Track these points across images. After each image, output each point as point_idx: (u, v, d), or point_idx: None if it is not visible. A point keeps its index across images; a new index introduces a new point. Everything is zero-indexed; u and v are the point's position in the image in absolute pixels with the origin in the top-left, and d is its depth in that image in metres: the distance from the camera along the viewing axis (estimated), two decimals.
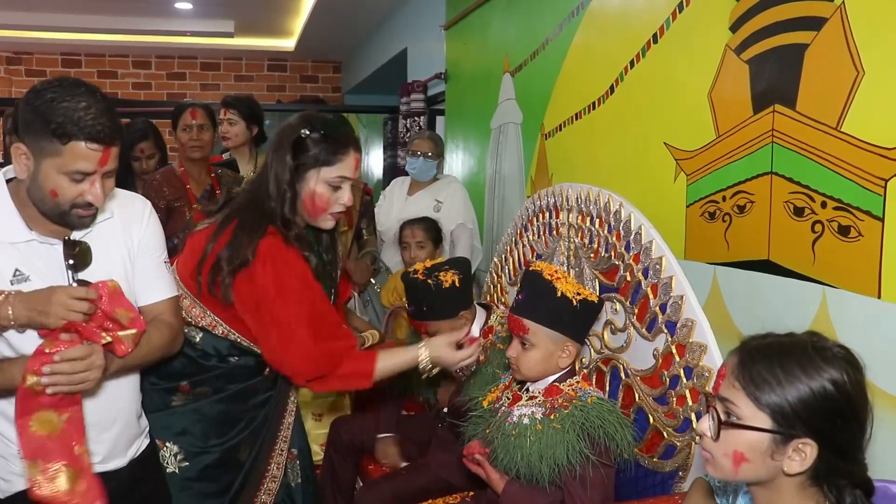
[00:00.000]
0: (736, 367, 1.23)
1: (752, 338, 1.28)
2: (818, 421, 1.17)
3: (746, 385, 1.20)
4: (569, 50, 3.09)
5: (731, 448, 1.21)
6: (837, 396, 1.17)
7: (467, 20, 4.37)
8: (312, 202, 1.97)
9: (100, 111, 1.54)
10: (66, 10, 6.64)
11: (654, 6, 2.47)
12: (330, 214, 2.00)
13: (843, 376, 1.18)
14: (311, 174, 1.95)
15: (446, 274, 2.30)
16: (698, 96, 2.22)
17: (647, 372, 1.98)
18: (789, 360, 1.20)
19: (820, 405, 1.17)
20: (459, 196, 3.79)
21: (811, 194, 1.81)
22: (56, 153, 1.52)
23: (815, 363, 1.18)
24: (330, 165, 1.95)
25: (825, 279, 1.79)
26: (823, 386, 1.17)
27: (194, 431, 2.00)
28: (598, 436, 1.79)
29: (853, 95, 1.69)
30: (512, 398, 2.01)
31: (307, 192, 1.96)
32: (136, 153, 3.57)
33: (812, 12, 1.81)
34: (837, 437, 1.18)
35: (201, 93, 8.21)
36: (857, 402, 1.19)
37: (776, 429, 1.17)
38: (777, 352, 1.22)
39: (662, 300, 1.93)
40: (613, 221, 2.13)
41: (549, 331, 1.92)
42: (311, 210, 1.98)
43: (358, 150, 2.01)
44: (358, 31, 7.05)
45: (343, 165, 1.96)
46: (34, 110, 1.52)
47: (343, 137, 1.98)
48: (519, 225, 2.76)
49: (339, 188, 1.98)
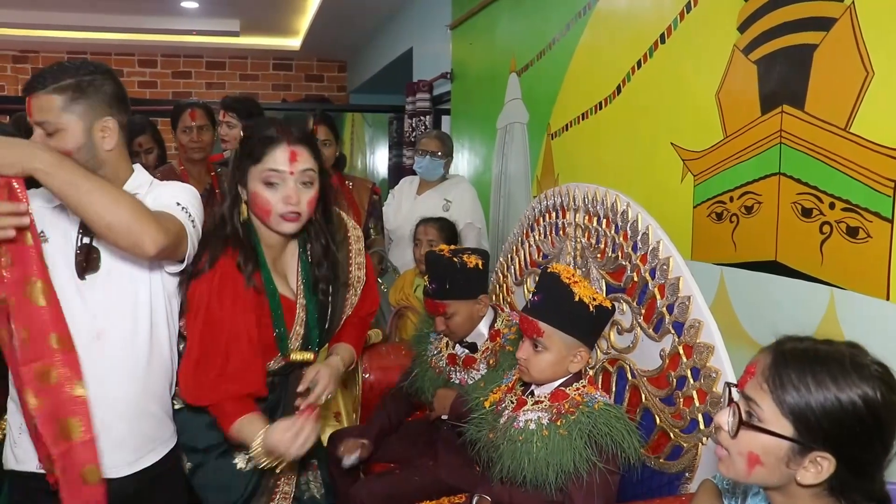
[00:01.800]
0: (767, 368, 1.19)
1: (789, 338, 1.23)
2: (842, 437, 1.13)
3: (774, 388, 1.17)
4: (576, 50, 3.08)
5: (747, 449, 1.18)
6: (866, 414, 1.13)
7: (473, 20, 4.37)
8: (255, 204, 1.91)
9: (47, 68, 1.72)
10: (72, 9, 6.66)
11: (661, 6, 2.47)
12: (280, 217, 1.90)
13: (876, 394, 1.13)
14: (249, 178, 1.91)
15: (470, 256, 2.32)
16: (706, 97, 2.21)
17: (653, 373, 1.98)
18: (823, 369, 1.16)
19: (846, 421, 1.13)
20: (468, 196, 3.80)
21: (819, 195, 1.81)
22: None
23: (849, 377, 1.14)
24: (258, 162, 1.89)
25: (833, 280, 1.78)
26: (853, 401, 1.13)
27: (189, 431, 1.98)
28: (605, 443, 1.78)
29: (862, 96, 1.69)
30: (517, 402, 1.99)
31: (251, 197, 1.91)
32: (135, 147, 3.58)
33: (821, 13, 1.81)
34: (859, 455, 1.14)
35: (206, 91, 8.22)
36: (887, 422, 1.15)
37: (797, 438, 1.14)
38: (812, 359, 1.18)
39: (669, 301, 1.92)
40: (620, 222, 2.13)
41: (563, 335, 1.89)
42: (259, 213, 1.93)
43: (295, 142, 1.90)
44: (364, 30, 7.05)
45: (271, 158, 1.88)
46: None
47: (269, 133, 1.91)
48: (525, 225, 2.76)
49: (274, 185, 1.89)
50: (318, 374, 2.00)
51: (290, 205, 1.88)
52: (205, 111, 3.37)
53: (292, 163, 1.88)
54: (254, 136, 1.92)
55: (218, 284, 1.86)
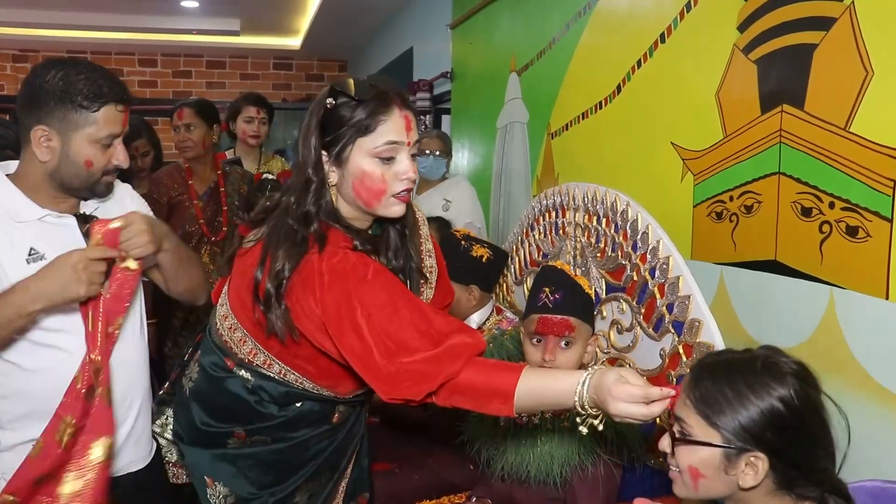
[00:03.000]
0: (688, 385, 1.28)
1: (709, 354, 1.33)
2: (768, 437, 1.20)
3: (696, 403, 1.25)
4: (576, 49, 3.09)
5: (687, 464, 1.25)
6: (786, 414, 1.20)
7: (474, 19, 4.37)
8: (363, 185, 1.55)
9: (108, 75, 1.65)
10: (73, 8, 6.66)
11: (661, 6, 2.47)
12: (394, 197, 1.57)
13: (790, 393, 1.21)
14: (350, 152, 1.55)
15: (482, 248, 2.31)
16: (706, 96, 2.21)
17: (653, 372, 1.98)
18: (738, 378, 1.24)
19: (768, 423, 1.20)
20: (468, 195, 3.81)
21: (819, 195, 1.81)
22: (88, 122, 1.61)
23: (763, 381, 1.22)
24: (369, 132, 1.53)
25: (833, 280, 1.78)
26: (771, 404, 1.20)
27: (249, 476, 1.74)
28: (609, 435, 1.79)
29: (862, 96, 1.69)
30: None
31: (355, 177, 1.56)
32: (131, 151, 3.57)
33: (821, 12, 1.81)
34: (790, 451, 1.21)
35: (207, 91, 8.22)
36: (808, 417, 1.22)
37: (724, 444, 1.22)
38: (726, 370, 1.26)
39: (669, 300, 1.93)
40: (620, 221, 2.13)
41: (585, 325, 1.93)
42: (367, 196, 1.57)
43: (405, 107, 1.58)
44: (364, 29, 7.05)
45: (387, 127, 1.54)
46: (49, 91, 1.58)
47: (379, 95, 1.55)
48: (525, 224, 2.76)
49: (392, 158, 1.55)
50: None
51: (406, 181, 1.57)
52: (195, 109, 3.35)
53: (408, 132, 1.57)
54: (358, 98, 1.55)
55: (356, 268, 1.53)
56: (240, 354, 1.69)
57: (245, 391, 1.70)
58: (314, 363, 1.65)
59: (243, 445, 1.74)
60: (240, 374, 1.70)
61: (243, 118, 3.80)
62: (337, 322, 1.50)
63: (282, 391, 1.69)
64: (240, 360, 1.69)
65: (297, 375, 1.68)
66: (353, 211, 1.63)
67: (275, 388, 1.69)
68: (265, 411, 1.71)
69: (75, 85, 1.58)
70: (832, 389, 1.73)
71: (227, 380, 1.72)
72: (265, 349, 1.66)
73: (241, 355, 1.69)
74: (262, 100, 3.87)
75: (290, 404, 1.72)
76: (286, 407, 1.72)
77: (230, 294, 1.71)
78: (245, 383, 1.70)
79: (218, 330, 1.74)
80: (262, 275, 1.56)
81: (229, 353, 1.71)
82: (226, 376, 1.72)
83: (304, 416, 1.74)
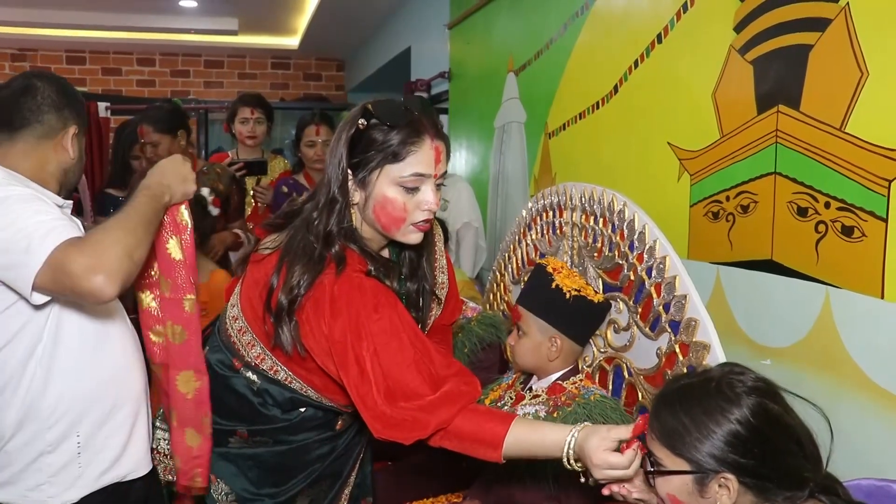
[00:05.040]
0: (652, 419, 1.32)
1: (668, 382, 1.37)
2: (732, 458, 1.22)
3: (660, 436, 1.29)
4: (573, 50, 3.09)
5: (665, 492, 1.29)
6: (745, 434, 1.22)
7: (471, 19, 4.37)
8: (384, 210, 1.55)
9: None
10: (71, 7, 6.65)
11: (658, 6, 2.47)
12: (412, 226, 1.58)
13: (746, 413, 1.23)
14: (376, 176, 1.54)
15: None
16: (702, 96, 2.22)
17: (650, 371, 1.99)
18: (694, 405, 1.27)
19: (730, 445, 1.23)
20: (465, 195, 3.81)
21: (815, 195, 1.82)
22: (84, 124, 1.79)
23: (717, 405, 1.25)
24: (398, 161, 1.53)
25: (828, 279, 1.79)
26: (729, 428, 1.23)
27: (249, 476, 1.75)
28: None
29: (857, 96, 1.70)
30: (515, 398, 2.02)
31: (377, 201, 1.55)
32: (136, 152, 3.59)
33: (816, 13, 1.82)
34: (758, 468, 1.22)
35: (205, 90, 8.23)
36: (770, 431, 1.24)
37: (692, 469, 1.24)
38: (683, 398, 1.29)
39: (666, 299, 1.93)
40: (617, 221, 2.14)
41: (537, 319, 1.99)
42: (386, 221, 1.57)
43: (438, 138, 1.57)
44: (362, 29, 7.05)
45: (416, 158, 1.53)
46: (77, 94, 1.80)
47: (413, 123, 1.53)
48: (522, 224, 2.76)
49: (416, 189, 1.55)
50: None
51: (427, 211, 1.57)
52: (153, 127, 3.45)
53: (437, 164, 1.57)
54: (391, 124, 1.53)
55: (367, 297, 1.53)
56: (247, 357, 1.70)
57: (250, 392, 1.71)
58: (319, 376, 1.66)
59: (245, 445, 1.74)
60: (246, 375, 1.71)
61: (239, 119, 3.81)
62: (342, 350, 1.51)
63: (287, 396, 1.70)
64: (247, 362, 1.71)
65: (302, 384, 1.69)
66: (371, 232, 1.64)
67: (280, 393, 1.70)
68: (269, 413, 1.72)
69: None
70: (827, 388, 1.75)
71: (232, 379, 1.74)
72: (273, 356, 1.67)
73: (248, 358, 1.70)
74: (258, 100, 3.86)
75: (294, 409, 1.73)
76: (290, 412, 1.73)
77: (242, 299, 1.71)
78: (251, 384, 1.71)
79: (227, 329, 1.75)
80: (277, 284, 1.56)
81: (237, 353, 1.72)
82: (232, 375, 1.74)
83: (308, 422, 1.75)
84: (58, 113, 1.69)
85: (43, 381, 1.57)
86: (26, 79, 1.71)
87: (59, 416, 1.59)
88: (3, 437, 1.58)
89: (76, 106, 1.74)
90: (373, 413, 1.48)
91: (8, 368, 1.56)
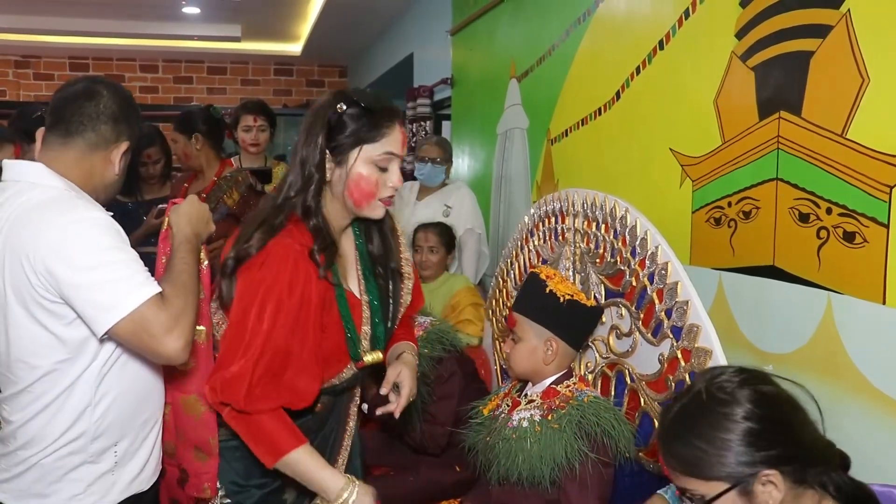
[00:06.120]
0: (666, 458, 1.29)
1: (663, 413, 1.33)
2: (760, 455, 1.21)
3: (685, 471, 1.26)
4: (575, 56, 3.10)
5: None
6: (759, 427, 1.21)
7: (474, 26, 4.39)
8: (358, 186, 1.69)
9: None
10: (75, 14, 6.68)
11: (660, 13, 2.48)
12: (379, 201, 1.73)
13: (749, 406, 1.22)
14: (352, 155, 1.68)
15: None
16: (704, 102, 2.23)
17: (652, 377, 1.99)
18: (699, 424, 1.25)
19: (752, 443, 1.21)
20: (468, 201, 3.81)
21: (816, 200, 1.82)
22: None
23: (721, 413, 1.23)
24: (374, 142, 1.68)
25: (830, 285, 1.79)
26: (743, 428, 1.21)
27: (236, 468, 1.78)
28: (594, 433, 1.82)
29: (858, 102, 1.70)
30: (511, 404, 2.03)
31: (351, 178, 1.69)
32: (144, 158, 3.60)
33: (818, 20, 1.82)
34: (785, 452, 1.21)
35: (208, 97, 8.26)
36: (779, 413, 1.24)
37: (732, 484, 1.21)
38: (684, 424, 1.27)
39: (668, 305, 1.93)
40: (619, 227, 2.14)
41: (533, 324, 2.01)
42: (358, 196, 1.71)
43: (403, 124, 1.76)
44: (364, 35, 7.07)
45: (389, 140, 1.70)
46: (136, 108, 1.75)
47: (386, 109, 1.72)
48: (525, 230, 2.77)
49: (387, 168, 1.72)
50: (400, 375, 1.78)
51: (392, 188, 1.74)
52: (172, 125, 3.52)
53: (403, 146, 1.75)
54: (370, 109, 1.69)
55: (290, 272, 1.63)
56: (217, 336, 1.75)
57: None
58: None
59: (230, 437, 1.74)
60: None
61: (242, 127, 3.81)
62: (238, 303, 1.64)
63: None
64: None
65: None
66: (338, 208, 1.76)
67: None
68: None
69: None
70: (830, 394, 1.75)
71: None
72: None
73: (218, 336, 1.75)
74: (260, 107, 3.86)
75: None
76: None
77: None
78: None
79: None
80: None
81: (216, 341, 1.77)
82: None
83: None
84: (114, 125, 1.64)
85: (92, 394, 1.58)
86: (93, 83, 1.66)
87: (104, 428, 1.60)
88: (44, 448, 1.58)
89: (133, 121, 1.69)
90: (220, 363, 1.63)
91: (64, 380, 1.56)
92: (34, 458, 1.57)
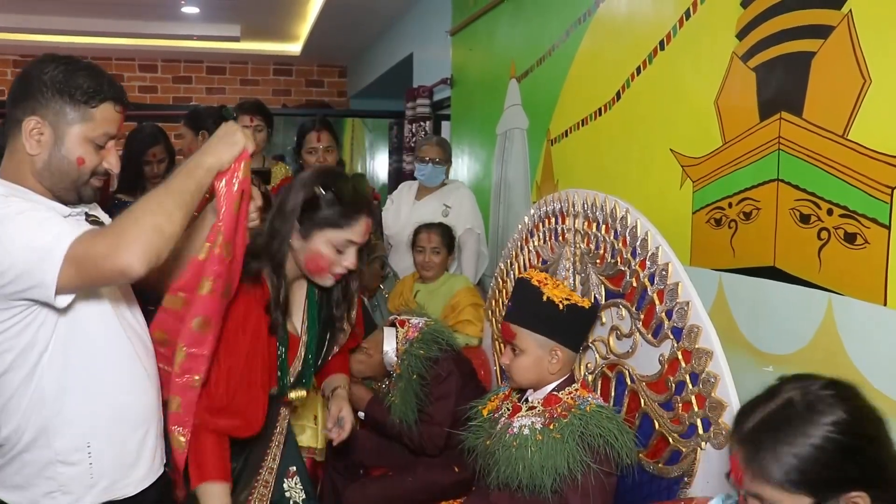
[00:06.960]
0: (748, 463, 1.21)
1: (743, 414, 1.25)
2: (850, 471, 1.15)
3: (769, 478, 1.18)
4: (575, 56, 3.10)
5: None
6: (848, 440, 1.15)
7: (473, 26, 4.38)
8: (314, 261, 1.89)
9: (109, 75, 1.63)
10: (73, 14, 6.67)
11: (661, 13, 2.48)
12: (330, 275, 1.92)
13: (843, 416, 1.16)
14: (317, 234, 1.87)
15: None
16: (705, 103, 2.22)
17: (652, 378, 1.99)
18: (788, 430, 1.18)
19: (843, 458, 1.15)
20: (467, 201, 3.81)
21: (817, 201, 1.82)
22: (84, 118, 1.55)
23: (810, 419, 1.17)
24: (339, 229, 1.87)
25: (831, 286, 1.79)
26: (831, 439, 1.15)
27: None
28: (597, 444, 1.80)
29: (860, 103, 1.70)
30: (511, 409, 2.02)
31: (311, 251, 1.88)
32: (148, 157, 3.61)
33: (819, 20, 1.82)
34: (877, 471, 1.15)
35: (207, 97, 8.25)
36: (874, 430, 1.18)
37: (818, 500, 1.15)
38: (772, 428, 1.20)
39: (668, 306, 1.93)
40: (619, 227, 2.14)
41: (535, 335, 1.96)
42: (312, 268, 1.91)
43: (370, 215, 1.94)
44: (364, 35, 7.07)
45: (353, 230, 1.88)
46: (48, 83, 1.54)
47: (357, 202, 1.89)
48: (524, 230, 2.77)
49: (344, 252, 1.90)
50: (342, 411, 2.07)
51: (345, 268, 1.91)
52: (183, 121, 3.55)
53: (364, 235, 1.92)
54: (342, 199, 1.87)
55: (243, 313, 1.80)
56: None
57: None
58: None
59: None
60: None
61: None
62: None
63: None
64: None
65: None
66: (294, 269, 1.94)
67: None
68: None
69: (75, 79, 1.54)
70: None
71: None
72: None
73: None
74: (257, 107, 3.85)
75: None
76: None
77: None
78: None
79: None
80: None
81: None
82: None
83: None
84: (17, 104, 1.55)
85: (52, 393, 1.55)
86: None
87: (67, 427, 1.57)
88: (14, 446, 1.57)
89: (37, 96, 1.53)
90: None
91: (16, 379, 1.53)
92: (10, 452, 1.57)
